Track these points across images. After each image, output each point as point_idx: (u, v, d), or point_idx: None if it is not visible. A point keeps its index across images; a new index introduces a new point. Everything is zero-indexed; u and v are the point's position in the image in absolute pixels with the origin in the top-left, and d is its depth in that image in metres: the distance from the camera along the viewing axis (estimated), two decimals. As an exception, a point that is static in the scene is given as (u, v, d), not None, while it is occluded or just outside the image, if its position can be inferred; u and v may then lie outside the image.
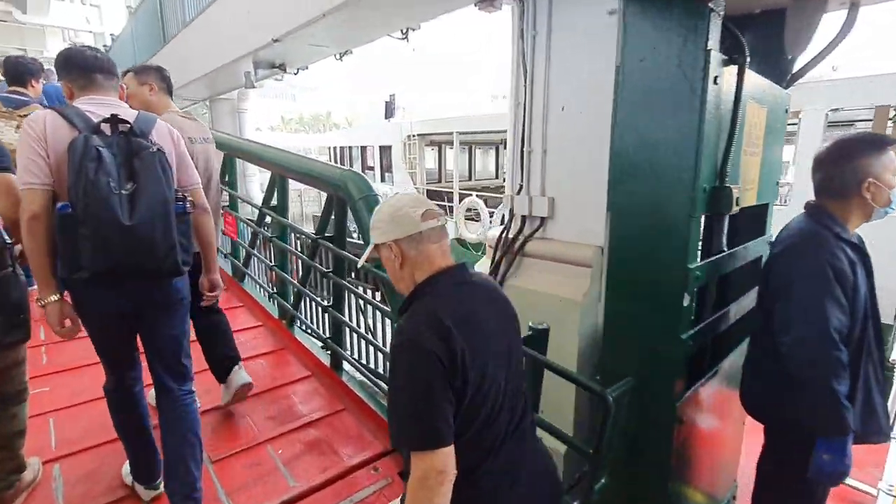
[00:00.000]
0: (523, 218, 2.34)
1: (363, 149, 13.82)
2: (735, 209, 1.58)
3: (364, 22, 4.15)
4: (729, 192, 1.55)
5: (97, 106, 1.53)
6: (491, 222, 9.52)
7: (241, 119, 10.16)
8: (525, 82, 2.27)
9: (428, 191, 11.73)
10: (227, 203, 4.11)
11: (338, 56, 5.09)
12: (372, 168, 13.23)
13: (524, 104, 2.29)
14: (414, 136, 11.48)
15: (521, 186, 2.36)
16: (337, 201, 2.80)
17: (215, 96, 9.82)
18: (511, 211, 2.42)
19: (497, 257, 2.40)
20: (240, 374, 2.41)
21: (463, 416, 0.95)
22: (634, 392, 1.60)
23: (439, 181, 12.68)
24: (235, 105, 10.13)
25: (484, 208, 9.41)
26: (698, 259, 1.58)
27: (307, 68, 6.05)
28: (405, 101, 14.81)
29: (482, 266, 2.65)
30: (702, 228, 1.68)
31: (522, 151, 2.33)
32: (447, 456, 0.90)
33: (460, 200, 10.19)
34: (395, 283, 1.11)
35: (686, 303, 1.53)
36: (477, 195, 9.77)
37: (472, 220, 10.11)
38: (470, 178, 12.51)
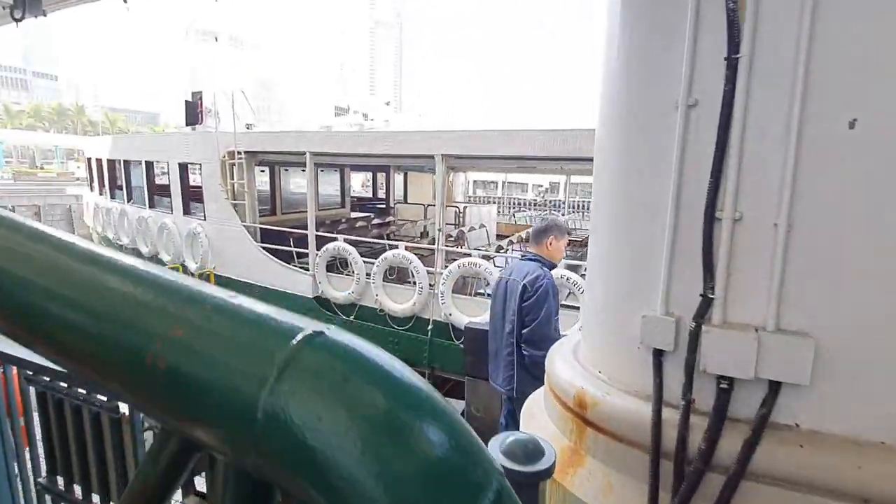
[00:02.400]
0: (729, 383, 0.95)
1: (150, 165, 9.46)
2: None
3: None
4: None
5: None
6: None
7: None
8: (736, 36, 0.90)
9: (263, 231, 8.27)
10: None
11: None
12: (167, 194, 9.05)
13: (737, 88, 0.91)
14: (240, 152, 8.32)
15: (706, 303, 0.97)
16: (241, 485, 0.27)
17: None
18: (680, 361, 1.01)
19: (679, 489, 0.95)
20: None
21: None
22: None
23: (273, 213, 9.42)
24: None
25: (415, 259, 5.40)
26: None
27: (45, 14, 3.41)
28: (218, 105, 11.25)
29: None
30: None
31: (711, 219, 0.95)
32: None
33: (319, 246, 7.02)
34: None
35: None
36: (328, 231, 7.22)
37: (396, 280, 5.92)
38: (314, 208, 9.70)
